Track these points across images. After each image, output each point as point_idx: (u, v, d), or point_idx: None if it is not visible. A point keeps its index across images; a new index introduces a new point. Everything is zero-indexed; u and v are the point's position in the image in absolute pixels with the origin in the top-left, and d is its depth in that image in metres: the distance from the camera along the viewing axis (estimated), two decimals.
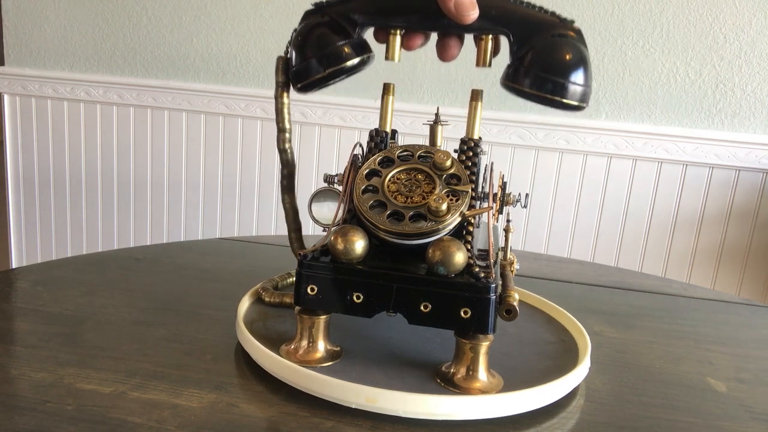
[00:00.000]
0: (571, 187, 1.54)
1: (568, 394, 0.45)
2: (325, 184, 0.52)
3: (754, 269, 1.52)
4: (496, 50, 0.49)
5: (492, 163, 0.51)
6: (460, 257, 0.42)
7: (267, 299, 0.56)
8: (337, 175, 0.51)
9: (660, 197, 1.51)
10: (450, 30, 0.48)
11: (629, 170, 1.51)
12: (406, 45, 0.50)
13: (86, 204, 1.78)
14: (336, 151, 1.62)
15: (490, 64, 0.49)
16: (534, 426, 0.41)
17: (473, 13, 0.45)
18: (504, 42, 0.49)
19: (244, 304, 0.54)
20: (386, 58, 0.50)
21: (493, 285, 0.42)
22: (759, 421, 0.44)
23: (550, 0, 1.47)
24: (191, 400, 0.41)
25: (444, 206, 0.43)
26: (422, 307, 0.42)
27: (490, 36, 0.48)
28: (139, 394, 0.41)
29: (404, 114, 1.51)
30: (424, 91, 1.55)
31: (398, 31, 0.49)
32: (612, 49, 1.47)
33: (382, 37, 0.50)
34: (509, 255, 0.50)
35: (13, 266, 1.85)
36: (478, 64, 0.49)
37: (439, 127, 0.52)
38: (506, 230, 0.50)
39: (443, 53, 0.50)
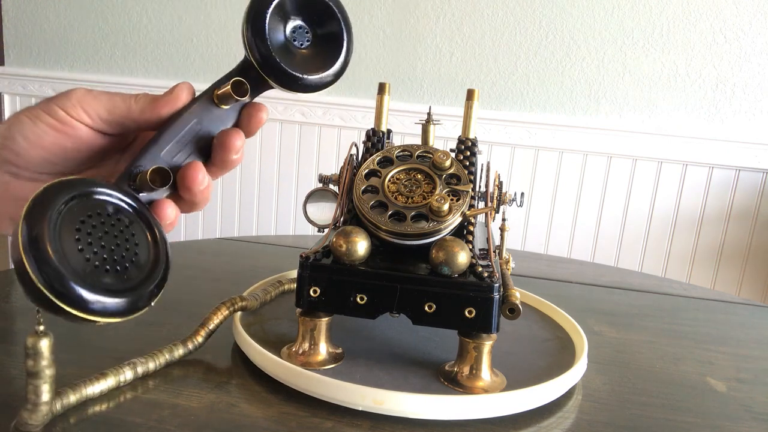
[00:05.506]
0: (571, 187, 1.54)
1: (568, 392, 0.45)
2: (320, 185, 0.51)
3: (754, 269, 1.52)
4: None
5: (488, 163, 0.51)
6: (463, 257, 0.42)
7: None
8: (332, 175, 0.51)
9: (660, 197, 1.51)
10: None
11: (629, 170, 1.51)
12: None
13: None
14: (336, 150, 1.61)
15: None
16: (534, 425, 0.41)
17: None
18: None
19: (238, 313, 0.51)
20: None
21: (497, 284, 0.42)
22: (759, 421, 0.44)
23: (551, 0, 1.47)
24: (191, 400, 0.41)
25: (446, 206, 0.43)
26: (426, 308, 0.42)
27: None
28: (139, 394, 0.41)
29: (405, 114, 1.51)
30: (425, 90, 1.55)
31: None
32: (612, 49, 1.47)
33: None
34: (504, 254, 0.50)
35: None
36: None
37: (432, 127, 0.52)
38: (502, 229, 0.50)
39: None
